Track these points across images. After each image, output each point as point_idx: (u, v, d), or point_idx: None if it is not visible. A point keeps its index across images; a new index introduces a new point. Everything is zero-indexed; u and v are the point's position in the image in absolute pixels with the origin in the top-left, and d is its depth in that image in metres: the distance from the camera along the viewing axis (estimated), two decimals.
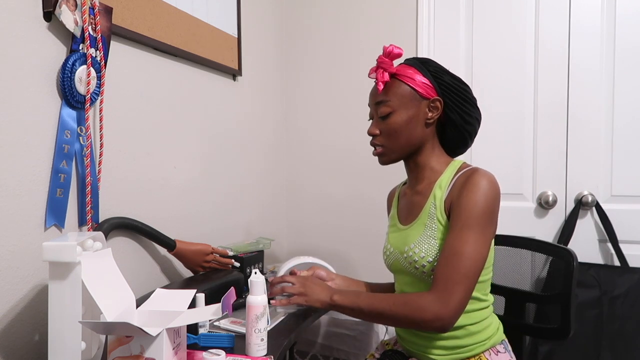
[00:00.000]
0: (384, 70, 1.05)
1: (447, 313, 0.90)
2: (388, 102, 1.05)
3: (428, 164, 1.09)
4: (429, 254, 1.00)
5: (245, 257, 1.48)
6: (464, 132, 1.07)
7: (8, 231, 0.93)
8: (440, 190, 1.03)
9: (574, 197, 1.80)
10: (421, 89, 1.04)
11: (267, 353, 0.97)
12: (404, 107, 1.05)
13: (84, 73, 1.05)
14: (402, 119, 1.05)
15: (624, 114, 1.74)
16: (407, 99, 1.04)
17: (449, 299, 0.90)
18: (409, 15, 1.97)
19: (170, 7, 1.37)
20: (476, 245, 0.93)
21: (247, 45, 1.84)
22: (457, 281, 0.91)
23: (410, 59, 1.09)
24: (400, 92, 1.05)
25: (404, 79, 1.05)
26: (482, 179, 0.96)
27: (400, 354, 1.14)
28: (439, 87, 1.04)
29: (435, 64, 1.07)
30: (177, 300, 0.93)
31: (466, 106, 1.05)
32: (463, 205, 0.96)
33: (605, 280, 1.62)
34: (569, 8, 1.79)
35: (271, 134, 2.08)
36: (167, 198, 1.39)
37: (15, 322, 0.94)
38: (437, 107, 1.04)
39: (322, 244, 2.15)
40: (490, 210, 0.96)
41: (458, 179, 1.01)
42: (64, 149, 1.03)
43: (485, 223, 0.95)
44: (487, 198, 0.95)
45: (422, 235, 1.03)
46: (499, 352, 1.05)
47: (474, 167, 1.02)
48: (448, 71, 1.07)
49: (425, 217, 1.04)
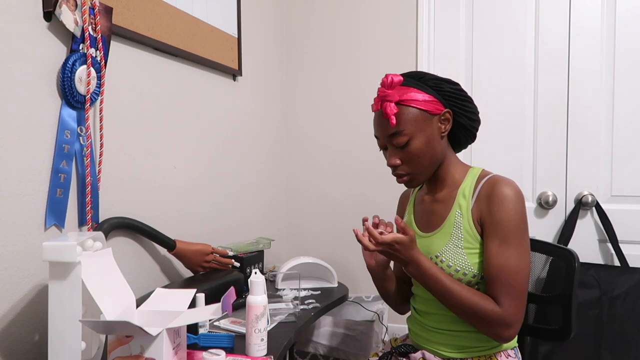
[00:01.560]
0: (390, 102, 1.02)
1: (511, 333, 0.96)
2: (403, 131, 1.02)
3: (448, 173, 1.09)
4: (456, 263, 1.01)
5: (245, 257, 1.48)
6: (473, 130, 1.08)
7: (8, 231, 0.93)
8: (465, 200, 1.03)
9: (574, 197, 1.80)
10: (429, 107, 1.02)
11: (267, 353, 0.97)
12: (419, 130, 1.02)
13: (84, 73, 1.05)
14: (421, 142, 1.02)
15: (624, 115, 1.74)
16: (420, 122, 1.02)
17: (513, 320, 0.95)
18: (409, 15, 1.97)
19: (170, 7, 1.37)
20: (521, 257, 0.97)
21: (247, 45, 1.84)
22: (516, 296, 0.96)
23: (406, 79, 1.05)
24: (412, 117, 1.02)
25: (410, 103, 1.02)
26: (508, 189, 0.98)
27: (410, 347, 1.14)
28: (443, 98, 1.03)
29: (431, 75, 1.06)
30: (177, 300, 0.93)
31: (469, 106, 1.06)
32: (497, 220, 0.97)
33: (605, 280, 1.61)
34: (569, 8, 1.79)
35: (271, 134, 2.08)
36: (167, 198, 1.39)
37: (15, 322, 0.94)
38: (448, 119, 1.04)
39: (322, 244, 2.15)
40: (524, 220, 0.98)
41: (482, 188, 1.01)
42: (64, 149, 1.03)
43: (523, 233, 0.98)
44: (519, 209, 0.97)
45: (448, 244, 1.03)
46: (509, 357, 1.06)
47: (496, 176, 1.02)
48: (443, 78, 1.06)
49: (450, 226, 1.04)
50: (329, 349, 1.77)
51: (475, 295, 0.97)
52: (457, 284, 0.98)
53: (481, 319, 0.96)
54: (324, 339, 1.78)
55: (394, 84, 1.03)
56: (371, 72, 2.04)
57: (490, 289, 0.98)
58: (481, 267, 1.01)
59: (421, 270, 0.98)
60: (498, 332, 0.95)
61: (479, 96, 1.90)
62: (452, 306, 0.98)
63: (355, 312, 1.85)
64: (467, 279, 1.01)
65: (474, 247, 1.01)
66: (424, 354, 1.09)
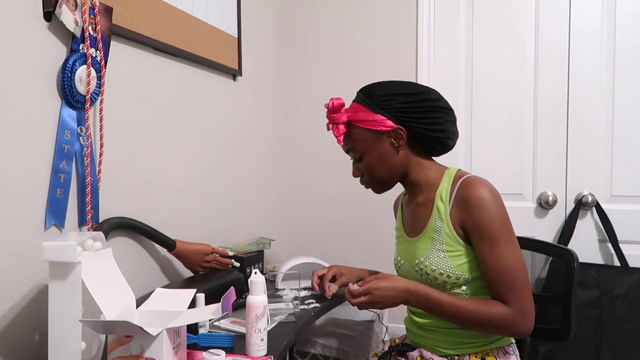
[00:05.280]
0: (337, 125, 1.08)
1: (528, 326, 0.97)
2: (354, 148, 1.09)
3: (422, 178, 1.09)
4: (440, 266, 1.02)
5: (245, 257, 1.48)
6: (439, 138, 1.06)
7: (8, 231, 0.93)
8: (443, 203, 1.04)
9: (574, 197, 1.80)
10: (377, 127, 1.04)
11: (267, 353, 0.97)
12: (369, 148, 1.07)
13: (84, 73, 1.05)
14: (373, 158, 1.07)
15: (624, 114, 1.74)
16: (369, 140, 1.06)
17: (525, 313, 0.96)
18: (409, 15, 1.97)
19: (171, 7, 1.37)
20: (514, 252, 0.98)
21: (247, 45, 1.84)
22: (521, 291, 0.96)
23: (359, 95, 1.09)
24: (360, 137, 1.07)
25: (358, 123, 1.06)
26: (483, 190, 0.98)
27: (408, 346, 1.15)
28: (392, 115, 1.03)
29: (383, 90, 1.05)
30: (177, 300, 0.93)
31: (427, 117, 1.03)
32: (480, 223, 0.98)
33: (605, 280, 1.62)
34: (569, 8, 1.79)
35: (271, 134, 2.08)
36: (167, 198, 1.39)
37: (15, 322, 0.94)
38: (400, 135, 1.04)
39: (322, 244, 2.15)
40: (505, 216, 0.99)
41: (458, 191, 1.02)
42: (64, 149, 1.03)
43: (509, 229, 0.99)
44: (497, 208, 0.98)
45: (430, 248, 1.04)
46: (506, 353, 1.06)
47: (471, 177, 1.02)
48: (398, 91, 1.04)
49: (431, 231, 1.05)
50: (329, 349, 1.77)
51: (482, 304, 0.97)
52: (461, 299, 0.99)
53: (496, 325, 0.97)
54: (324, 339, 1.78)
55: (337, 108, 1.08)
56: (371, 72, 2.04)
57: (494, 291, 0.99)
58: (464, 268, 1.01)
59: (421, 298, 1.00)
60: (516, 330, 0.96)
61: (479, 96, 1.90)
62: (464, 322, 0.99)
63: (355, 312, 1.85)
64: (452, 281, 1.02)
65: (455, 249, 1.02)
66: (422, 351, 1.10)
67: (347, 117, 1.08)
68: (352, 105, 1.10)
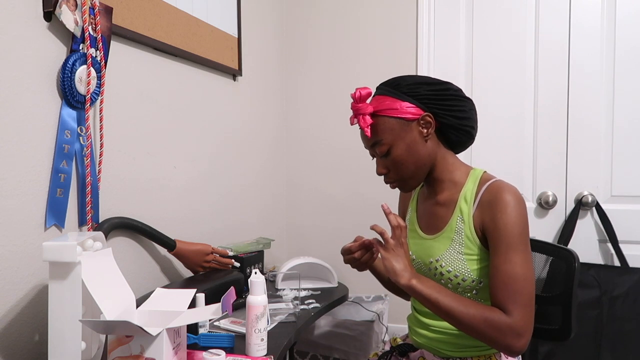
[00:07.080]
0: (363, 115, 1.05)
1: (521, 344, 0.92)
2: (381, 140, 1.04)
3: (446, 176, 1.07)
4: (456, 268, 1.01)
5: (245, 257, 1.48)
6: (465, 128, 1.05)
7: (8, 231, 0.93)
8: (467, 205, 1.02)
9: (574, 197, 1.80)
10: (405, 114, 1.02)
11: (267, 353, 0.97)
12: (398, 138, 1.03)
13: (84, 73, 1.05)
14: (402, 150, 1.03)
15: (624, 115, 1.74)
16: (397, 130, 1.03)
17: (523, 328, 0.91)
18: (409, 15, 1.97)
19: (171, 7, 1.37)
20: (526, 264, 0.95)
21: (247, 45, 1.84)
22: (524, 304, 0.92)
23: (381, 88, 1.07)
24: (388, 126, 1.03)
25: (384, 112, 1.03)
26: (510, 196, 0.96)
27: (410, 346, 1.14)
28: (420, 102, 1.03)
29: (407, 80, 1.05)
30: (177, 300, 0.93)
31: (455, 105, 1.03)
32: (501, 227, 0.96)
33: (605, 280, 1.62)
34: (569, 8, 1.79)
35: (271, 134, 2.08)
36: (167, 198, 1.39)
37: (15, 322, 0.94)
38: (428, 122, 1.03)
39: (322, 244, 2.15)
40: (526, 227, 0.97)
41: (484, 194, 1.00)
42: (64, 149, 1.03)
43: (525, 239, 0.97)
44: (520, 216, 0.96)
45: (448, 249, 1.03)
46: (508, 357, 1.06)
47: (498, 181, 1.01)
48: (422, 80, 1.05)
49: (451, 231, 1.03)
50: (329, 349, 1.77)
51: (481, 305, 0.95)
52: (462, 297, 0.97)
53: (488, 329, 0.92)
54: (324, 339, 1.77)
55: (363, 97, 1.05)
56: (371, 72, 2.04)
57: (497, 298, 0.95)
58: (480, 273, 1.00)
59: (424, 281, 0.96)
60: (509, 342, 0.91)
61: (479, 96, 1.90)
62: (456, 316, 0.94)
63: (355, 312, 1.85)
64: (467, 284, 1.01)
65: (473, 252, 1.01)
66: (423, 352, 1.09)
67: (375, 107, 1.05)
68: (374, 98, 1.08)
